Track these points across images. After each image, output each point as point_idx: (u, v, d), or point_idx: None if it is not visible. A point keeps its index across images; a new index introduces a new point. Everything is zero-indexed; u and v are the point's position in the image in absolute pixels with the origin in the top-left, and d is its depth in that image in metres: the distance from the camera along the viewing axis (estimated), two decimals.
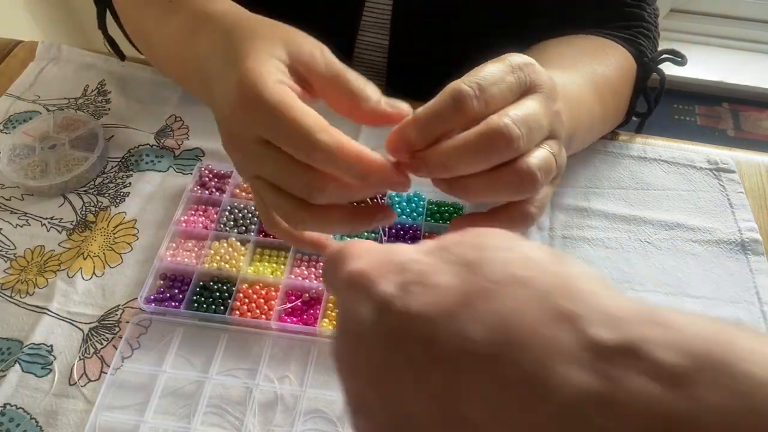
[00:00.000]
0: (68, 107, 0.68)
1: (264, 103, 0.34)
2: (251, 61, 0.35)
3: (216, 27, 0.41)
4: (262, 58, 0.36)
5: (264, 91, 0.34)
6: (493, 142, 0.34)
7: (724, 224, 0.59)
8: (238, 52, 0.37)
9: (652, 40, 0.63)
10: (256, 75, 0.34)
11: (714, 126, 1.92)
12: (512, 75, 0.37)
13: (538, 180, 0.36)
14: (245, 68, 0.35)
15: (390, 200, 0.59)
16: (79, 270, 0.55)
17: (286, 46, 0.37)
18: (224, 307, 0.52)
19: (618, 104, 0.61)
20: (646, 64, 0.61)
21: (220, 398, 0.48)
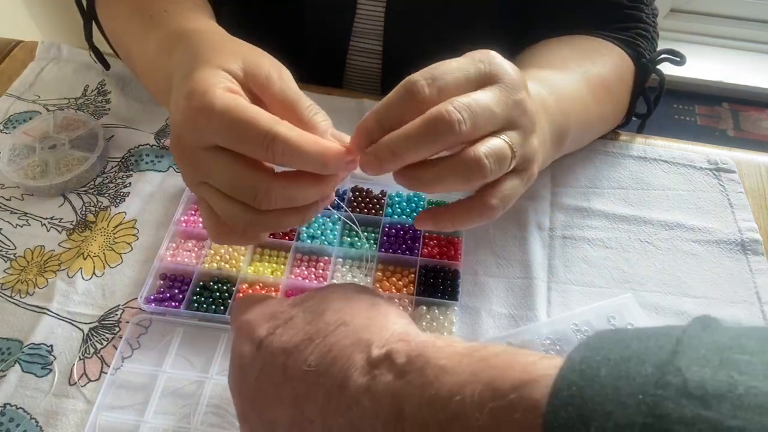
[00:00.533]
0: (68, 107, 0.68)
1: (214, 108, 0.34)
2: (202, 71, 0.37)
3: (187, 44, 0.42)
4: (214, 69, 0.37)
5: (213, 98, 0.35)
6: (435, 127, 0.35)
7: (724, 224, 0.59)
8: (195, 65, 0.38)
9: (650, 41, 0.63)
10: (205, 83, 0.35)
11: (714, 126, 1.92)
12: (471, 66, 0.38)
13: (485, 167, 0.36)
14: (196, 77, 0.36)
15: (390, 200, 0.59)
16: (79, 270, 0.55)
17: (243, 61, 0.38)
18: (224, 307, 0.52)
19: (615, 104, 0.61)
20: (644, 65, 0.61)
21: (220, 398, 0.48)
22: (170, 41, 0.45)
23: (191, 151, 0.37)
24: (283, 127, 0.34)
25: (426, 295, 0.53)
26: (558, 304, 0.54)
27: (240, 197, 0.36)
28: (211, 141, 0.36)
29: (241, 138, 0.35)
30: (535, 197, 0.61)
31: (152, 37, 0.48)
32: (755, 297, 0.54)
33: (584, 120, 0.56)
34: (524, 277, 0.55)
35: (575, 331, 0.51)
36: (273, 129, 0.34)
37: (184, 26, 0.46)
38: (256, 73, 0.38)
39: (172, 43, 0.44)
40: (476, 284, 0.55)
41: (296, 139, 0.34)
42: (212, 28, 0.46)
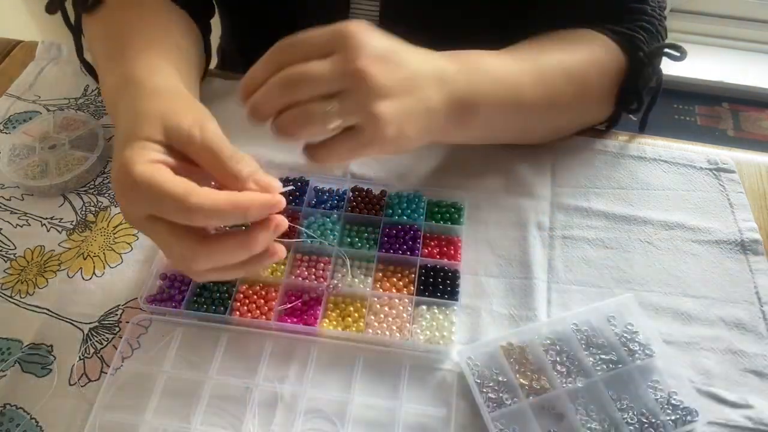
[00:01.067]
0: (68, 107, 0.68)
1: (137, 184, 0.38)
2: (128, 145, 0.40)
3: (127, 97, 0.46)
4: (138, 142, 0.40)
5: (135, 174, 0.38)
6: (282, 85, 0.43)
7: (724, 224, 0.59)
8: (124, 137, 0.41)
9: (654, 34, 0.61)
10: (128, 161, 0.39)
11: (714, 126, 1.92)
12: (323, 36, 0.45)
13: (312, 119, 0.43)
14: (124, 152, 0.39)
15: (390, 200, 0.59)
16: (79, 270, 0.55)
17: (162, 125, 0.41)
18: (224, 307, 0.52)
19: (585, 93, 0.60)
20: (639, 59, 0.59)
21: (220, 398, 0.48)
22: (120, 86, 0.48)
23: (132, 220, 0.41)
24: (195, 196, 0.37)
25: (426, 295, 0.53)
26: (558, 304, 0.54)
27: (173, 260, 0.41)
28: (143, 212, 0.39)
29: (164, 210, 0.38)
30: (535, 197, 0.61)
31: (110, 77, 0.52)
32: (755, 297, 0.54)
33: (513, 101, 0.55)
34: (524, 277, 0.55)
35: (575, 331, 0.51)
36: (187, 200, 0.37)
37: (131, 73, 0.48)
38: (176, 134, 0.41)
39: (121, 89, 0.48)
40: (476, 284, 0.55)
41: (210, 204, 0.37)
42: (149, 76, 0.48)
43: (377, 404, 0.48)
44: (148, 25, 0.56)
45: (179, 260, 0.41)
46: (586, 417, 0.47)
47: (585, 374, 0.49)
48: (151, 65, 0.50)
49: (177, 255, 0.40)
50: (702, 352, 0.51)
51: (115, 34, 0.55)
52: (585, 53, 0.59)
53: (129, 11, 0.57)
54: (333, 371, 0.49)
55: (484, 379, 0.49)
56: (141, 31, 0.55)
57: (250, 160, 0.41)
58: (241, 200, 0.38)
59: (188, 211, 0.37)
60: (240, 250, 0.40)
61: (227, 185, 0.40)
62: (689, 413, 0.47)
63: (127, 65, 0.49)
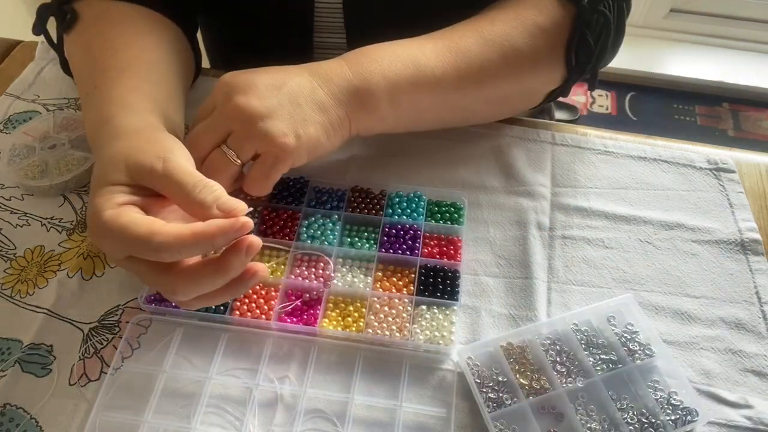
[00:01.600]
0: (68, 107, 0.68)
1: (106, 229, 0.39)
2: (96, 192, 0.41)
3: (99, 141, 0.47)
4: (105, 189, 0.41)
5: (103, 220, 0.39)
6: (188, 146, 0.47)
7: (724, 224, 0.59)
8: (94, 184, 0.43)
9: None
10: (96, 209, 0.40)
11: (714, 126, 1.92)
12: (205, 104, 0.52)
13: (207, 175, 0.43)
14: (91, 204, 0.41)
15: (390, 200, 0.59)
16: (79, 270, 0.55)
17: (125, 166, 0.42)
18: (224, 307, 0.52)
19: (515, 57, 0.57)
20: (582, 8, 0.56)
21: (220, 398, 0.48)
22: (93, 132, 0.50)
23: (113, 260, 0.43)
24: (158, 236, 0.38)
25: (426, 295, 0.53)
26: (558, 304, 0.54)
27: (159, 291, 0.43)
28: (121, 254, 0.40)
29: (135, 251, 0.39)
30: (535, 197, 0.61)
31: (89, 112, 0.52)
32: (755, 297, 0.55)
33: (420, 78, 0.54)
34: (524, 277, 0.55)
35: (575, 331, 0.51)
36: (151, 241, 0.38)
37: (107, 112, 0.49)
38: (138, 170, 0.42)
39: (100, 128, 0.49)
40: (476, 284, 0.55)
41: (174, 240, 0.38)
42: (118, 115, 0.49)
43: (377, 404, 0.48)
44: (123, 46, 0.55)
45: (164, 293, 0.42)
46: (586, 417, 0.47)
47: (585, 374, 0.49)
48: (122, 102, 0.50)
49: (161, 289, 0.42)
50: (702, 352, 0.51)
51: (91, 61, 0.55)
52: (507, 17, 0.57)
53: (103, 31, 0.56)
54: (333, 371, 0.49)
55: (484, 379, 0.49)
56: (115, 56, 0.54)
57: (215, 185, 0.41)
58: (205, 230, 0.39)
59: (155, 251, 0.38)
60: (216, 276, 0.40)
61: (195, 214, 0.41)
62: (689, 413, 0.47)
63: (101, 102, 0.50)
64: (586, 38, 0.58)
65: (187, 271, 0.40)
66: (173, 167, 0.41)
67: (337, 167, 0.62)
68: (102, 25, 0.57)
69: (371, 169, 0.62)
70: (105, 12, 0.58)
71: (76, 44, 0.58)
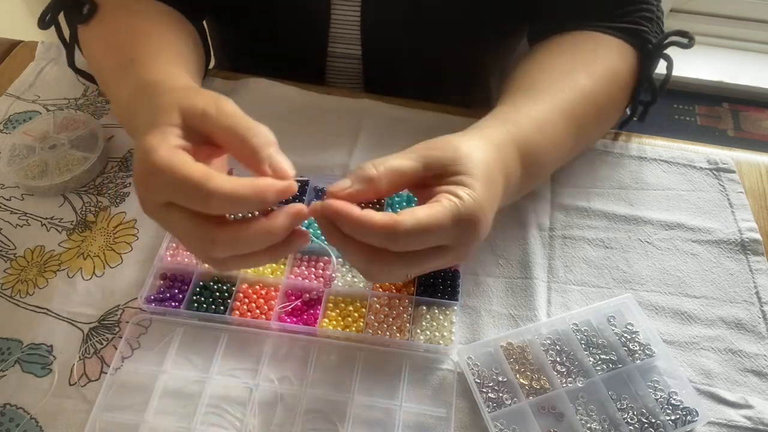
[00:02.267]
0: (68, 107, 0.68)
1: (157, 169, 0.37)
2: (148, 134, 0.39)
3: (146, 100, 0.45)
4: (158, 130, 0.40)
5: (155, 159, 0.37)
6: None
7: (724, 224, 0.59)
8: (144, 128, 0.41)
9: (655, 22, 0.61)
10: (149, 147, 0.38)
11: (714, 126, 1.92)
12: None
13: None
14: (142, 142, 0.39)
15: (390, 200, 0.59)
16: (79, 270, 0.55)
17: (180, 109, 0.41)
18: (224, 307, 0.52)
19: (611, 110, 0.60)
20: (649, 53, 0.59)
21: (220, 398, 0.48)
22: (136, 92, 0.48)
23: (150, 209, 0.40)
24: (214, 182, 0.36)
25: (426, 295, 0.53)
26: (558, 304, 0.54)
27: (193, 249, 0.40)
28: (162, 199, 0.39)
29: (182, 196, 0.38)
30: (535, 197, 0.61)
31: (123, 86, 0.51)
32: (755, 297, 0.55)
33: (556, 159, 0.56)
34: (524, 277, 0.55)
35: (575, 331, 0.51)
36: (206, 186, 0.36)
37: (146, 78, 0.48)
38: (192, 113, 0.40)
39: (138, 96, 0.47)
40: (476, 284, 0.55)
41: (229, 188, 0.37)
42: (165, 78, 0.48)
43: (377, 404, 0.48)
44: (151, 33, 0.56)
45: (198, 248, 0.40)
46: (586, 417, 0.47)
47: (585, 374, 0.49)
48: (166, 72, 0.50)
49: (196, 242, 0.39)
50: (702, 352, 0.51)
51: (119, 44, 0.55)
52: (605, 72, 0.58)
53: (128, 19, 0.57)
54: (333, 371, 0.49)
55: (484, 379, 0.49)
56: (147, 40, 0.54)
57: (269, 135, 0.40)
58: (260, 185, 0.38)
59: (207, 196, 0.36)
60: (261, 236, 0.39)
61: (245, 159, 0.40)
62: (689, 413, 0.47)
63: (141, 74, 0.49)
64: (652, 82, 0.62)
65: (232, 225, 0.39)
66: (229, 110, 0.40)
67: (337, 167, 0.62)
68: (127, 14, 0.58)
69: None
70: (126, 3, 0.59)
71: (97, 30, 0.59)
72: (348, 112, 0.67)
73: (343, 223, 0.39)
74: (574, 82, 0.56)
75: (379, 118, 0.67)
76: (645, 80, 0.61)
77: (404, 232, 0.38)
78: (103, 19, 0.58)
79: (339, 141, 0.64)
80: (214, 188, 0.36)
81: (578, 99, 0.55)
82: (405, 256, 0.40)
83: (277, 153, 0.40)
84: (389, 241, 0.39)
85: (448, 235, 0.40)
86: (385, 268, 0.41)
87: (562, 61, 0.58)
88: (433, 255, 0.41)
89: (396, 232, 0.38)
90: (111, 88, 0.56)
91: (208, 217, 0.38)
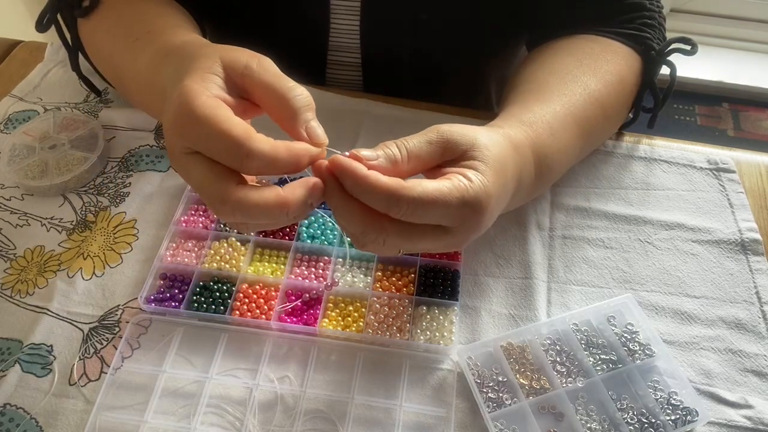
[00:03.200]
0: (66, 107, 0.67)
1: (195, 118, 0.36)
2: (189, 77, 0.38)
3: (175, 56, 0.44)
4: (199, 75, 0.38)
5: (195, 107, 0.36)
6: None
7: (724, 224, 0.59)
8: (183, 73, 0.39)
9: (657, 29, 0.61)
10: (190, 91, 0.37)
11: (714, 126, 1.92)
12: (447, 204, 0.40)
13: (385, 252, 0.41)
14: (184, 85, 0.38)
15: None
16: (79, 270, 0.55)
17: (222, 59, 0.40)
18: (224, 307, 0.52)
19: (616, 115, 0.60)
20: (652, 59, 0.60)
21: (220, 398, 0.48)
22: (159, 58, 0.46)
23: (176, 153, 0.38)
24: (255, 142, 0.36)
25: (426, 295, 0.53)
26: (558, 304, 0.54)
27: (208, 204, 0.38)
28: (193, 147, 0.37)
29: (217, 149, 0.36)
30: (536, 197, 0.61)
31: (141, 57, 0.50)
32: (755, 297, 0.54)
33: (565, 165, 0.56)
34: (524, 277, 0.55)
35: (575, 331, 0.51)
36: (246, 144, 0.35)
37: (171, 41, 0.47)
38: (234, 66, 0.39)
39: (162, 59, 0.46)
40: (476, 284, 0.55)
41: (269, 151, 0.36)
42: (195, 39, 0.48)
43: (377, 404, 0.48)
44: (162, 14, 0.55)
45: (212, 205, 0.38)
46: (586, 417, 0.47)
47: (585, 374, 0.49)
48: (191, 37, 0.48)
49: (210, 198, 0.38)
50: (702, 352, 0.51)
51: (128, 26, 0.54)
52: (612, 76, 0.57)
53: (133, 6, 0.56)
54: (333, 371, 0.49)
55: (484, 379, 0.49)
56: (159, 18, 0.53)
57: (309, 98, 0.39)
58: (296, 149, 0.37)
59: (246, 155, 0.35)
60: (275, 207, 0.37)
61: (282, 119, 0.39)
62: (689, 413, 0.47)
63: (158, 44, 0.48)
64: (655, 88, 0.62)
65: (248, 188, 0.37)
66: (270, 67, 0.40)
67: None
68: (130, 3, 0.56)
69: None
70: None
71: (100, 19, 0.58)
72: (348, 112, 0.67)
73: (349, 179, 0.37)
74: (583, 86, 0.55)
75: (380, 119, 0.67)
76: (648, 86, 0.61)
77: (408, 199, 0.37)
78: (104, 10, 0.57)
79: (339, 141, 0.64)
80: (255, 148, 0.35)
81: (588, 104, 0.55)
82: (402, 229, 0.39)
83: (314, 118, 0.39)
84: (391, 206, 0.37)
85: (450, 214, 0.39)
86: (380, 237, 0.39)
87: (569, 62, 0.58)
88: (431, 234, 0.40)
89: (400, 197, 0.37)
90: (124, 65, 0.54)
91: (230, 174, 0.37)
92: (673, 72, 0.62)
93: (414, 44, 0.68)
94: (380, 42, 0.69)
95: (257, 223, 0.39)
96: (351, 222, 0.39)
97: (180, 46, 0.46)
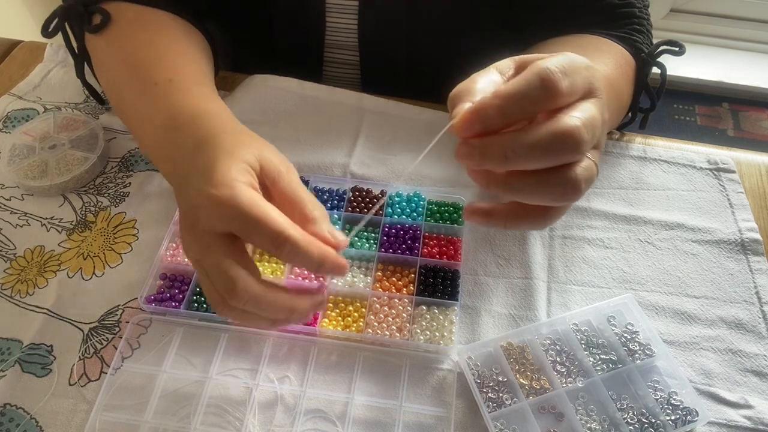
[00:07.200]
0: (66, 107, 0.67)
1: (238, 203, 0.37)
2: (226, 162, 0.39)
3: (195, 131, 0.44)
4: (237, 162, 0.40)
5: (239, 193, 0.37)
6: (564, 143, 0.34)
7: (724, 224, 0.59)
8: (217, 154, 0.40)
9: (645, 34, 0.62)
10: (231, 176, 0.38)
11: (714, 126, 1.92)
12: (586, 71, 0.36)
13: (581, 191, 0.36)
14: (222, 168, 0.39)
15: (390, 200, 0.59)
16: (79, 270, 0.55)
17: (260, 157, 0.41)
18: None
19: (620, 103, 0.61)
20: (644, 60, 0.60)
21: (220, 398, 0.48)
22: (180, 120, 0.47)
23: (204, 233, 0.39)
24: (294, 230, 0.38)
25: (426, 295, 0.53)
26: (558, 304, 0.54)
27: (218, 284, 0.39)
28: (227, 229, 0.38)
29: (257, 233, 0.37)
30: None
31: (158, 105, 0.49)
32: (755, 297, 0.54)
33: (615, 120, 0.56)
34: (524, 277, 0.55)
35: (575, 331, 0.51)
36: (286, 231, 0.37)
37: (195, 105, 0.48)
38: (270, 168, 0.41)
39: (183, 123, 0.46)
40: (476, 284, 0.55)
41: (304, 243, 0.38)
42: (222, 111, 0.48)
43: (377, 404, 0.48)
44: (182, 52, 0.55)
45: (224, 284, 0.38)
46: (586, 417, 0.47)
47: (585, 374, 0.49)
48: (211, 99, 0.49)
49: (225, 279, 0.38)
50: (702, 352, 0.51)
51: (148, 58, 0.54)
52: (613, 62, 0.57)
53: (146, 30, 0.56)
54: (333, 371, 0.49)
55: (484, 379, 0.49)
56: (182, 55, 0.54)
57: (323, 209, 0.42)
58: (326, 251, 0.39)
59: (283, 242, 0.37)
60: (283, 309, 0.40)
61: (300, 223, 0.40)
62: (689, 413, 0.47)
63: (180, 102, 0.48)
64: (648, 88, 0.62)
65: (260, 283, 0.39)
66: (294, 177, 0.42)
67: (337, 166, 0.62)
68: (142, 29, 0.56)
69: (371, 169, 0.62)
70: (140, 16, 0.57)
71: (110, 42, 0.57)
72: (348, 110, 0.67)
73: None
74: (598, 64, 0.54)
75: (380, 117, 0.67)
76: (643, 87, 0.62)
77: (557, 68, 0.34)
78: (118, 31, 0.56)
79: (339, 140, 0.64)
80: (290, 238, 0.37)
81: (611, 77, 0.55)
82: None
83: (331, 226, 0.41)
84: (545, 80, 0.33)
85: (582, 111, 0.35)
86: None
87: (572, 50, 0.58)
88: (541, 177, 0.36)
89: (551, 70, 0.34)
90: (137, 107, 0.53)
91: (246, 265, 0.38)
92: (663, 73, 0.62)
93: (412, 43, 0.68)
94: (378, 40, 0.69)
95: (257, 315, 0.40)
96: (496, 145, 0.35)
97: (206, 115, 0.46)
